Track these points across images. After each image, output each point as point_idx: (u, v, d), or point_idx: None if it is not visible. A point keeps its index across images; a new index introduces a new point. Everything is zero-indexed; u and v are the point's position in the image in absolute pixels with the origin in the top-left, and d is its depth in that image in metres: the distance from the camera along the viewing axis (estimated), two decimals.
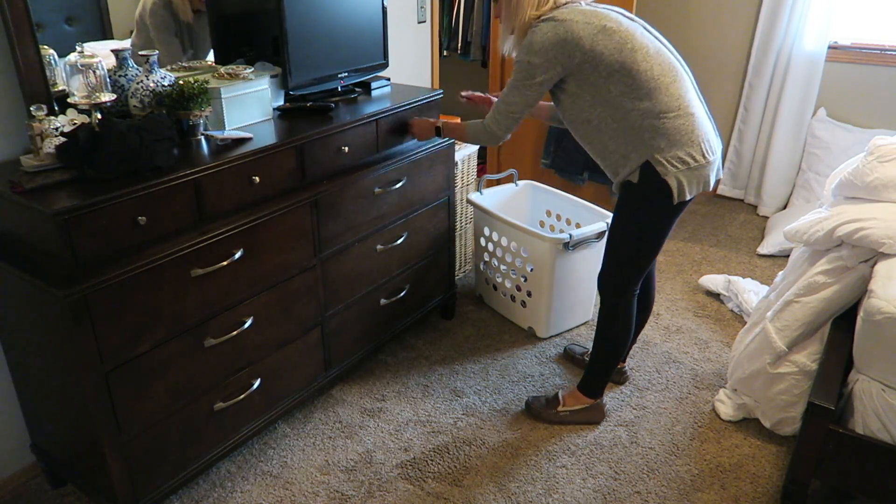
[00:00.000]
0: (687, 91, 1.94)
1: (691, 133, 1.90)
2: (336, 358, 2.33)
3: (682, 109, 1.90)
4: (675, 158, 1.89)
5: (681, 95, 1.91)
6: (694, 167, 1.91)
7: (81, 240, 1.53)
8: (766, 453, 2.19)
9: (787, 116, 3.77)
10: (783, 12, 3.63)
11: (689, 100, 1.93)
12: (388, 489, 2.05)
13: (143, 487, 1.80)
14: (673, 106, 1.89)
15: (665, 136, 1.89)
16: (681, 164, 1.90)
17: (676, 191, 1.91)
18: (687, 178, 1.91)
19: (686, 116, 1.90)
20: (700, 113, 1.96)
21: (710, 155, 1.94)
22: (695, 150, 1.91)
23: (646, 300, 2.37)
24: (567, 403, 2.30)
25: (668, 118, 1.88)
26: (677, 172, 1.90)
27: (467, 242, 3.22)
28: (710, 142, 1.96)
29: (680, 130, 1.89)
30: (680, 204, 1.97)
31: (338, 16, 2.30)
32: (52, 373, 1.75)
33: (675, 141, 1.89)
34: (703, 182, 1.95)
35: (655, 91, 1.88)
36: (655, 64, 1.88)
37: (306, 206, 2.04)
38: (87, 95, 1.71)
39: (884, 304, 1.73)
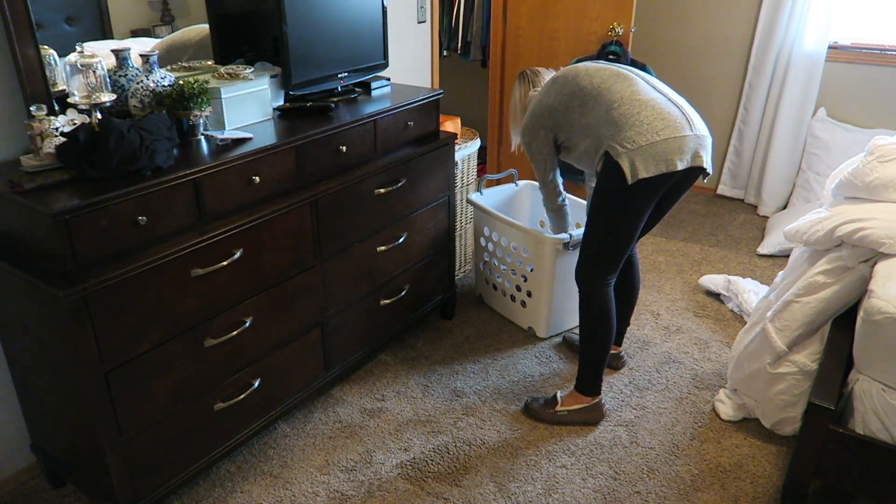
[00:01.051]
0: (631, 85, 2.07)
1: (637, 115, 1.99)
2: (336, 358, 2.33)
3: (624, 98, 2.03)
4: (625, 140, 1.98)
5: (623, 89, 2.05)
6: (645, 145, 1.96)
7: (81, 240, 1.53)
8: (766, 453, 2.19)
9: (787, 116, 3.77)
10: (783, 12, 3.63)
11: (635, 90, 2.05)
12: (388, 489, 2.05)
13: (143, 487, 1.80)
14: (616, 98, 2.03)
15: (613, 123, 2.01)
16: (630, 143, 1.97)
17: (629, 170, 1.97)
18: (640, 157, 1.96)
19: (630, 103, 2.01)
20: (651, 98, 2.04)
21: (665, 133, 1.98)
22: (643, 129, 1.97)
23: (629, 287, 2.43)
24: (565, 403, 2.31)
25: (615, 108, 2.02)
26: (627, 152, 1.97)
27: (467, 242, 3.22)
28: (668, 120, 2.00)
29: (626, 115, 2.00)
30: (643, 187, 2.00)
31: (338, 16, 2.30)
32: (52, 373, 1.75)
33: (622, 125, 2.00)
34: (662, 160, 1.97)
35: (598, 95, 2.07)
36: (595, 76, 2.11)
37: (306, 206, 2.04)
38: (87, 95, 1.71)
39: (884, 304, 1.73)
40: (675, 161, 1.97)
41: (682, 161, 1.99)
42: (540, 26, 3.65)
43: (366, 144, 2.26)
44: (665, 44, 4.10)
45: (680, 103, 2.08)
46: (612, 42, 3.44)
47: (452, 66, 4.41)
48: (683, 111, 2.05)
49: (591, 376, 2.28)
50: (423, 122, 2.49)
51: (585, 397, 2.29)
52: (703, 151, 2.04)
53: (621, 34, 3.42)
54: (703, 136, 2.05)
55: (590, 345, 2.25)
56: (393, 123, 2.35)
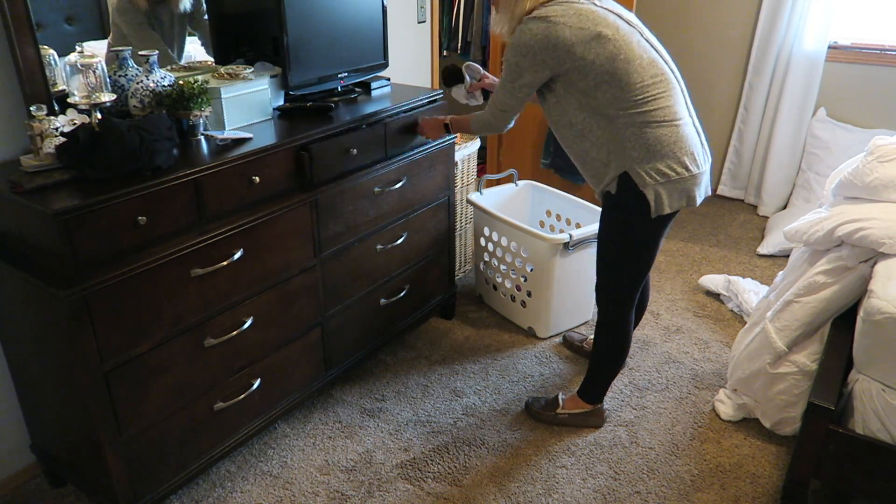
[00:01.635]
0: (676, 102, 1.88)
1: (674, 144, 1.85)
2: (336, 358, 2.33)
3: (667, 119, 1.84)
4: (653, 170, 1.84)
5: (668, 106, 1.85)
6: (675, 180, 1.86)
7: (81, 240, 1.53)
8: (766, 453, 2.19)
9: (787, 116, 3.77)
10: (783, 12, 3.63)
11: (677, 111, 1.87)
12: (388, 489, 2.05)
13: (143, 487, 1.80)
14: (659, 116, 1.83)
15: (646, 146, 1.84)
16: (660, 175, 1.84)
17: (654, 204, 1.86)
18: (667, 191, 1.86)
19: (671, 126, 1.85)
20: (687, 125, 1.90)
21: (693, 168, 1.88)
22: (675, 162, 1.85)
23: (640, 299, 2.36)
24: (566, 406, 2.30)
25: (652, 128, 1.83)
26: (655, 185, 1.85)
27: (467, 242, 3.22)
28: (696, 154, 1.90)
29: (661, 141, 1.84)
30: (663, 218, 1.92)
31: (338, 16, 2.30)
32: (52, 373, 1.75)
33: (656, 152, 1.84)
34: (686, 196, 1.90)
35: (643, 102, 1.83)
36: (647, 75, 1.83)
37: (306, 206, 2.04)
38: (87, 95, 1.71)
39: (884, 304, 1.73)
40: (695, 196, 1.92)
41: (699, 196, 1.94)
42: None
43: (366, 144, 2.26)
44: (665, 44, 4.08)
45: (699, 129, 1.98)
46: None
47: None
48: (702, 140, 1.97)
49: (596, 388, 2.27)
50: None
51: (587, 404, 2.29)
52: (709, 182, 2.01)
53: None
54: (710, 166, 2.00)
55: (602, 362, 2.22)
56: (393, 123, 2.35)
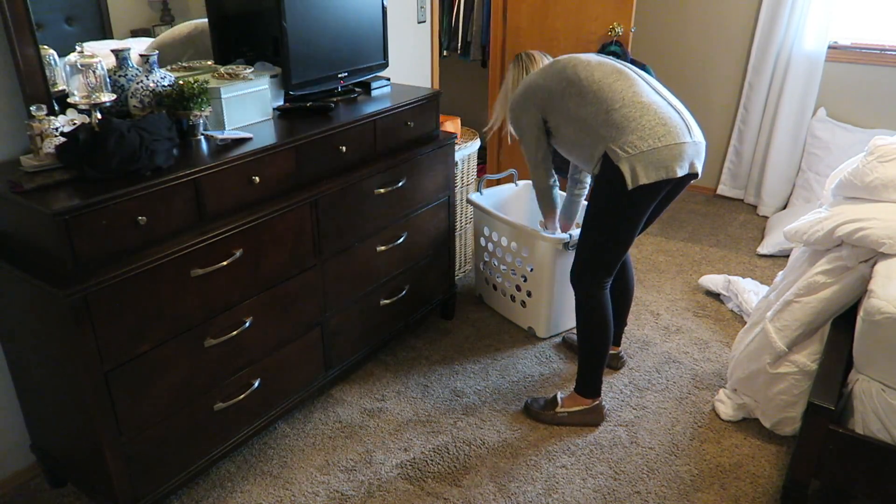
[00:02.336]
0: (633, 85, 2.05)
1: (640, 118, 1.97)
2: (336, 358, 2.33)
3: (626, 100, 2.00)
4: (626, 144, 1.96)
5: (625, 89, 2.03)
6: (646, 151, 1.94)
7: (81, 240, 1.53)
8: (766, 453, 2.19)
9: (787, 116, 3.77)
10: (783, 12, 3.63)
11: (637, 92, 2.03)
12: (388, 489, 2.05)
13: (143, 487, 1.80)
14: (617, 98, 2.01)
15: (614, 125, 1.98)
16: (632, 148, 1.95)
17: (629, 175, 1.95)
18: (641, 163, 1.94)
19: (632, 106, 1.99)
20: (653, 101, 2.03)
21: (667, 139, 1.96)
22: (645, 133, 1.95)
23: (623, 287, 2.42)
24: (565, 405, 2.30)
25: (616, 109, 2.00)
26: (628, 157, 1.95)
27: (467, 242, 3.22)
28: (672, 126, 1.98)
29: (628, 118, 1.98)
30: (642, 192, 1.98)
31: (338, 16, 2.30)
32: (52, 373, 1.75)
33: (624, 128, 1.97)
34: (663, 166, 1.95)
35: (599, 91, 2.04)
36: (596, 71, 2.08)
37: (306, 206, 2.04)
38: (87, 95, 1.71)
39: (884, 304, 1.73)
40: (674, 168, 1.97)
41: (681, 168, 1.99)
42: (540, 26, 3.65)
43: (366, 144, 2.26)
44: (665, 44, 4.10)
45: (679, 108, 2.08)
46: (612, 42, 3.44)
47: (452, 66, 4.41)
48: (683, 117, 2.05)
49: (590, 379, 2.28)
50: (422, 122, 2.49)
51: (585, 399, 2.29)
52: (698, 159, 2.05)
53: (621, 34, 3.42)
54: (699, 143, 2.05)
55: (588, 348, 2.24)
56: (393, 123, 2.35)
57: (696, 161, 2.04)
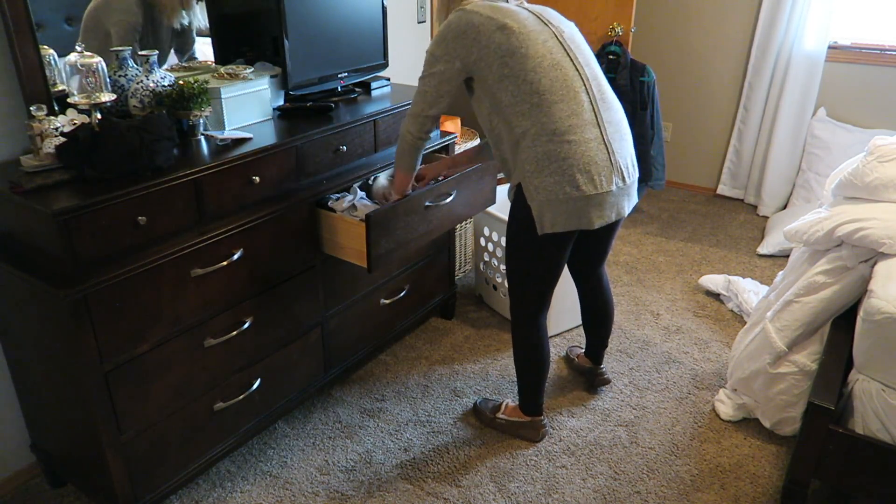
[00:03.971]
0: (573, 115, 1.75)
1: (563, 161, 1.73)
2: (336, 358, 2.33)
3: (557, 135, 1.73)
4: (541, 186, 1.75)
5: (562, 119, 1.74)
6: (561, 198, 1.74)
7: (81, 240, 1.53)
8: (766, 453, 2.19)
9: (787, 116, 3.77)
10: (783, 12, 3.63)
11: (572, 125, 1.74)
12: (388, 489, 2.05)
13: (143, 487, 1.80)
14: (548, 129, 1.74)
15: (535, 159, 1.75)
16: (545, 192, 1.75)
17: (538, 220, 1.79)
18: (552, 210, 1.76)
19: (562, 142, 1.73)
20: (588, 141, 1.76)
21: (588, 188, 1.75)
22: (565, 180, 1.73)
23: (601, 309, 2.31)
24: (506, 412, 2.27)
25: (542, 141, 1.74)
26: (540, 201, 1.76)
27: (467, 242, 3.22)
28: (595, 173, 1.75)
29: (550, 157, 1.73)
30: (552, 239, 1.82)
31: (338, 16, 2.30)
32: (52, 373, 1.75)
33: (544, 167, 1.74)
34: (576, 217, 1.77)
35: (536, 108, 1.74)
36: (545, 77, 1.74)
37: (306, 206, 2.04)
38: (87, 95, 1.71)
39: (884, 304, 1.73)
40: (591, 219, 1.79)
41: (599, 218, 1.80)
42: None
43: (366, 144, 2.26)
44: (665, 44, 4.10)
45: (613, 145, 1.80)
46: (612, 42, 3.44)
47: None
48: (615, 158, 1.80)
49: (528, 398, 2.21)
50: None
51: (525, 415, 2.24)
52: (628, 201, 1.87)
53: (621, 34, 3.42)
54: (629, 185, 1.85)
55: (522, 373, 2.17)
56: (393, 123, 2.35)
57: (625, 203, 1.86)
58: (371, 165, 2.26)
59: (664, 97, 4.01)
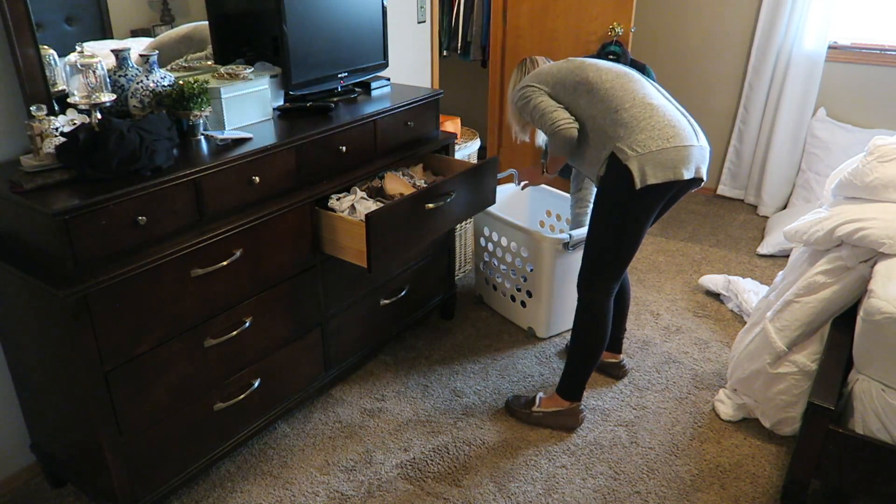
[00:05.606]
0: (642, 87, 2.07)
1: (649, 119, 1.98)
2: (336, 358, 2.33)
3: (636, 101, 2.02)
4: (635, 143, 1.96)
5: (635, 90, 2.05)
6: (655, 151, 1.95)
7: (81, 240, 1.53)
8: (766, 453, 2.19)
9: (787, 116, 3.77)
10: (783, 12, 3.63)
11: (646, 94, 2.05)
12: (388, 489, 2.05)
13: (143, 487, 1.80)
14: (627, 98, 2.02)
15: (623, 125, 1.99)
16: (641, 147, 1.95)
17: (638, 175, 1.95)
18: (650, 162, 1.95)
19: (642, 106, 2.01)
20: (662, 104, 2.04)
21: (675, 140, 1.97)
22: (654, 134, 1.96)
23: (620, 294, 2.39)
24: (543, 405, 2.29)
25: (625, 109, 2.01)
26: (636, 156, 1.95)
27: (467, 242, 3.22)
28: (679, 128, 2.00)
29: (637, 118, 1.99)
30: (650, 193, 1.97)
31: (338, 16, 2.30)
32: (52, 373, 1.75)
33: (633, 127, 1.98)
34: (671, 167, 1.96)
35: (611, 90, 2.05)
36: (605, 72, 2.09)
37: (306, 206, 2.04)
38: (87, 95, 1.71)
39: (884, 304, 1.73)
40: (681, 170, 1.97)
41: (688, 171, 1.98)
42: (540, 26, 3.65)
43: (366, 144, 2.26)
44: (665, 44, 4.10)
45: (685, 113, 2.09)
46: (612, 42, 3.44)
47: (452, 66, 4.41)
48: (689, 121, 2.06)
49: (575, 382, 2.25)
50: (423, 122, 2.49)
51: (564, 401, 2.27)
52: (703, 164, 2.05)
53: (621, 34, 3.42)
54: (705, 147, 2.06)
55: (581, 353, 2.21)
56: (393, 123, 2.35)
57: (702, 166, 2.04)
58: (371, 165, 2.26)
59: None
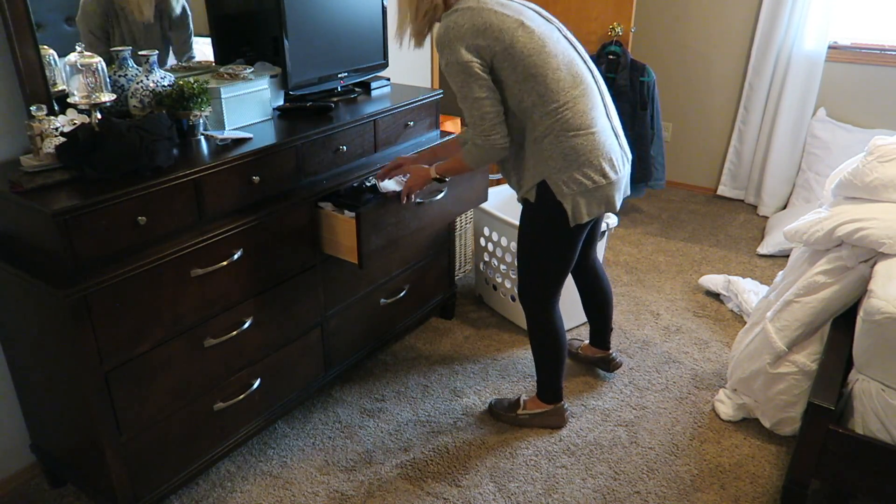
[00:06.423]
0: (593, 107, 1.85)
1: (590, 153, 1.83)
2: (336, 358, 2.33)
3: (583, 128, 1.81)
4: (571, 180, 1.84)
5: (585, 112, 1.82)
6: (591, 188, 1.85)
7: (81, 240, 1.53)
8: (766, 453, 2.19)
9: (787, 116, 3.77)
10: (783, 12, 3.63)
11: (594, 117, 1.84)
12: (388, 489, 2.05)
13: (142, 487, 1.80)
14: (575, 124, 1.80)
15: (563, 155, 1.82)
16: (577, 185, 1.84)
17: (571, 213, 1.87)
18: (585, 200, 1.87)
19: (587, 135, 1.82)
20: (604, 130, 1.88)
21: (611, 174, 1.88)
22: (593, 170, 1.84)
23: (599, 296, 2.39)
24: (527, 407, 2.29)
25: (568, 137, 1.81)
26: (573, 195, 1.85)
27: (467, 242, 3.22)
28: (615, 159, 1.89)
29: (577, 150, 1.82)
30: (581, 227, 1.94)
31: (338, 16, 2.30)
32: (52, 373, 1.75)
33: (573, 161, 1.82)
34: (605, 202, 1.91)
35: (563, 107, 1.79)
36: (567, 74, 1.80)
37: (306, 206, 2.04)
38: (87, 95, 1.71)
39: (884, 304, 1.73)
40: (614, 202, 1.93)
41: (619, 200, 1.95)
42: None
43: (366, 144, 2.26)
44: (665, 44, 4.10)
45: (617, 130, 1.96)
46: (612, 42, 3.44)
47: None
48: (620, 142, 1.95)
49: (550, 387, 2.25)
50: (422, 122, 2.49)
51: (545, 404, 2.27)
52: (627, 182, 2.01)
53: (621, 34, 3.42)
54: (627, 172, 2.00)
55: (544, 361, 2.22)
56: (393, 123, 2.35)
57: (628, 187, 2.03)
58: (371, 165, 2.26)
59: (664, 97, 4.01)
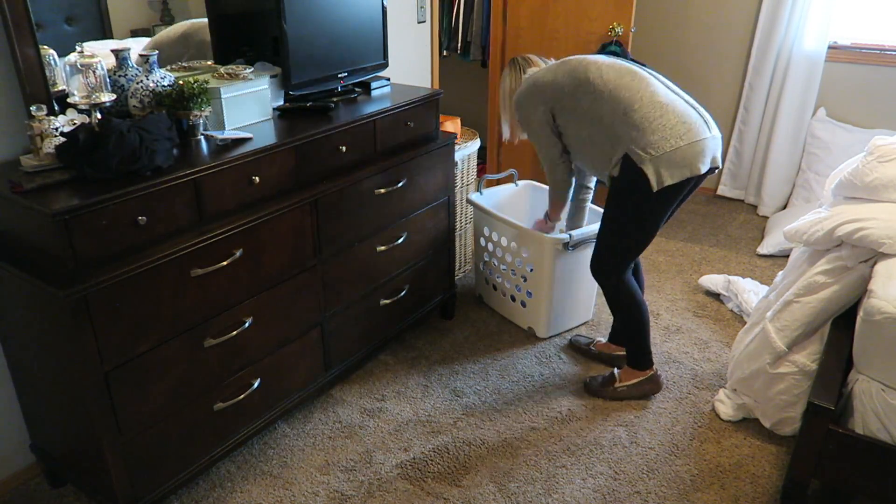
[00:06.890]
0: (648, 85, 2.06)
1: (660, 118, 1.98)
2: (336, 358, 2.33)
3: (644, 100, 2.01)
4: (649, 146, 1.97)
5: (641, 89, 2.03)
6: (670, 151, 1.96)
7: (81, 240, 1.53)
8: (766, 453, 2.19)
9: (787, 116, 3.77)
10: (783, 12, 3.63)
11: (654, 91, 2.04)
12: (388, 489, 2.05)
13: (142, 487, 1.80)
14: (635, 98, 2.02)
15: (634, 126, 1.99)
16: (655, 149, 1.97)
17: (654, 178, 1.97)
18: (666, 163, 1.96)
19: (651, 106, 2.00)
20: (671, 100, 2.04)
21: (687, 136, 1.98)
22: (667, 133, 1.97)
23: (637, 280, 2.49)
24: (622, 379, 2.38)
25: (634, 110, 2.00)
26: (651, 159, 1.97)
27: (467, 242, 3.22)
28: (688, 123, 2.01)
29: (647, 118, 1.99)
30: (667, 192, 2.00)
31: (338, 16, 2.30)
32: (52, 373, 1.75)
33: (645, 129, 1.98)
34: (687, 165, 1.98)
35: (615, 91, 2.04)
36: (607, 70, 2.08)
37: (306, 206, 2.04)
38: (87, 95, 1.71)
39: (884, 304, 1.73)
40: (697, 165, 2.00)
41: (703, 164, 2.02)
42: (540, 26, 3.65)
43: (366, 144, 2.26)
44: (665, 44, 4.10)
45: (694, 104, 2.10)
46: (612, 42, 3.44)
47: (452, 66, 4.40)
48: (699, 112, 2.07)
49: (641, 353, 2.36)
50: (423, 122, 2.49)
51: (639, 371, 2.36)
52: (718, 152, 2.08)
53: (621, 34, 3.42)
54: (717, 136, 2.08)
55: (632, 328, 2.32)
56: (393, 123, 2.35)
57: (717, 154, 2.07)
58: (371, 165, 2.26)
59: None
